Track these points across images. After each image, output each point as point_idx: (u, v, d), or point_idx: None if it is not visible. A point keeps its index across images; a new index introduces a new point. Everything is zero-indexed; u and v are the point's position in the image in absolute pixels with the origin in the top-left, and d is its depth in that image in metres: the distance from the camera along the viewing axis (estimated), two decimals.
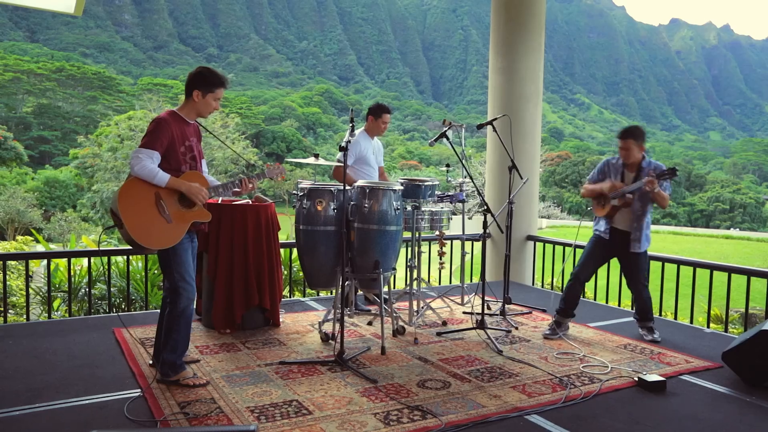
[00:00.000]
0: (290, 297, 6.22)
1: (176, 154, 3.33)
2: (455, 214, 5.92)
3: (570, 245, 6.39)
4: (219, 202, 4.64)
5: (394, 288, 6.53)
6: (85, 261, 5.93)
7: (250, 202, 4.71)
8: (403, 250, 5.24)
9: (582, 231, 5.23)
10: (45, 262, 5.94)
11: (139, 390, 3.29)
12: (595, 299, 6.39)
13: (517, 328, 4.83)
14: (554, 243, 6.77)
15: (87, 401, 3.12)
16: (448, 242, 6.07)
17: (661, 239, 30.04)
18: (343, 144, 3.74)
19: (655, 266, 5.64)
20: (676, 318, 5.55)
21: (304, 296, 6.17)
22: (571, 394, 3.43)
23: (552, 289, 7.01)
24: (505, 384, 3.57)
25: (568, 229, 31.28)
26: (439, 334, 4.59)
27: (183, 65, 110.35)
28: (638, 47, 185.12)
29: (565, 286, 4.62)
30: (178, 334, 3.39)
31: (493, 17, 7.29)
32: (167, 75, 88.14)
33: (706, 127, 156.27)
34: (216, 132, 33.45)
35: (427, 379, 3.61)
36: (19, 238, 9.16)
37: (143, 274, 5.66)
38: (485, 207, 4.49)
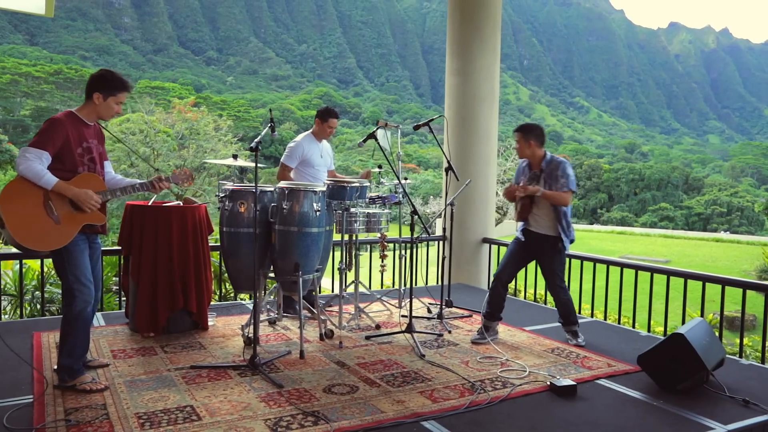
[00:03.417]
0: (234, 300, 6.16)
1: (72, 155, 3.26)
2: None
3: None
4: (150, 204, 4.58)
5: (332, 291, 6.47)
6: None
7: (181, 204, 4.65)
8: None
9: None
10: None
11: (31, 396, 3.22)
12: (545, 303, 6.32)
13: (450, 332, 4.75)
14: None
15: None
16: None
17: (651, 242, 29.92)
18: (253, 145, 3.68)
19: (606, 268, 5.58)
20: (619, 322, 5.48)
21: (251, 299, 6.10)
22: (477, 399, 3.36)
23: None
24: (415, 389, 3.50)
25: None
26: (368, 338, 4.52)
27: (182, 68, 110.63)
28: (637, 51, 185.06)
29: (489, 288, 4.57)
30: (75, 337, 3.32)
31: (449, 19, 7.24)
32: (166, 78, 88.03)
33: (705, 131, 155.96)
34: (209, 134, 33.49)
35: (336, 384, 3.54)
36: None
37: None
38: (413, 209, 4.42)
